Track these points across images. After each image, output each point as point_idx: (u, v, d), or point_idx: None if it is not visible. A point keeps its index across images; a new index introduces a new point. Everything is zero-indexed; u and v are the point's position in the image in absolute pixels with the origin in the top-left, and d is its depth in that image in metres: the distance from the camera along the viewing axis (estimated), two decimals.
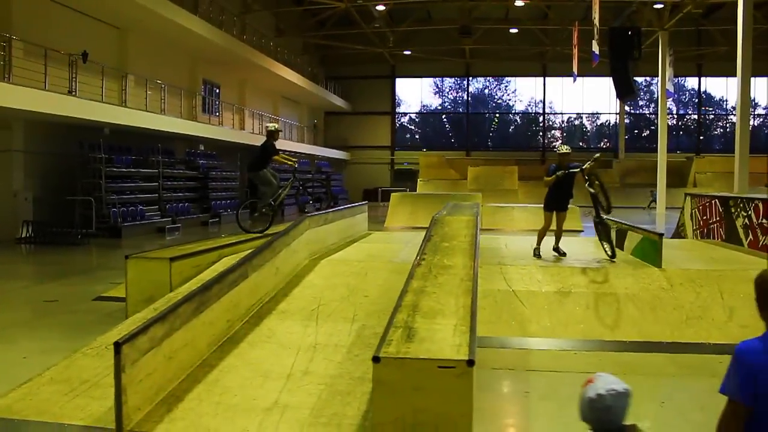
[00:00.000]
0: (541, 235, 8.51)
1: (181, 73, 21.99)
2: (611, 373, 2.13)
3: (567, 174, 8.13)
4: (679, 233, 13.73)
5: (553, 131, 43.66)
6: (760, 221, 9.76)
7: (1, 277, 10.21)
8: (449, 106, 44.45)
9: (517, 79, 42.99)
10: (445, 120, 44.66)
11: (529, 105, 43.52)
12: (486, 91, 44.63)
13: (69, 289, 8.98)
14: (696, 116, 41.89)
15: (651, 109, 41.56)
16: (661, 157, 28.89)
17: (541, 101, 42.78)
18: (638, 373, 5.40)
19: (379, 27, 32.43)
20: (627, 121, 41.63)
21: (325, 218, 8.79)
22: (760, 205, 9.79)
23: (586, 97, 41.94)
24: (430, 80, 43.56)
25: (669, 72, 27.94)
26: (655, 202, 27.87)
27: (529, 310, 6.82)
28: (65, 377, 4.71)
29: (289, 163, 9.68)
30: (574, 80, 30.17)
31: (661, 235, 7.89)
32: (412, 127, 45.16)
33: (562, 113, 43.28)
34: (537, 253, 8.32)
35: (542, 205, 8.53)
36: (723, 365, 5.41)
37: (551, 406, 4.71)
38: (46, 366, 4.85)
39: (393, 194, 22.34)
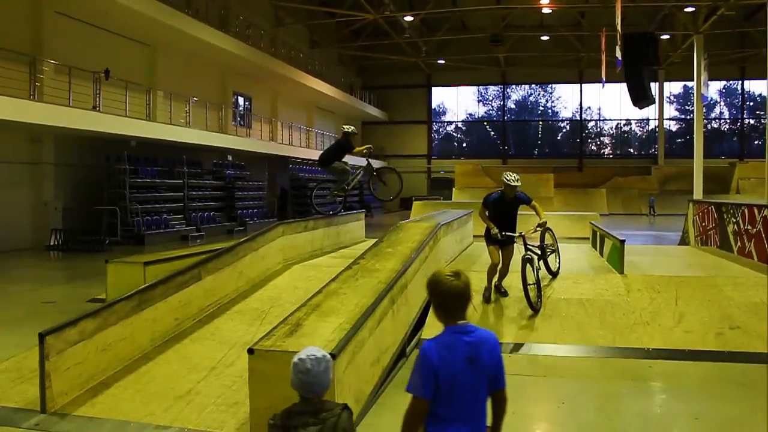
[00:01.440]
0: (490, 274, 7.20)
1: (211, 86, 22.93)
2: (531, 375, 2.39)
3: (506, 211, 7.09)
4: (684, 240, 13.54)
5: (599, 138, 43.03)
6: (746, 228, 9.62)
7: (15, 280, 11.06)
8: (495, 115, 44.29)
9: (559, 85, 42.60)
10: (488, 128, 44.52)
11: (573, 112, 43.07)
12: (531, 98, 44.32)
13: (71, 291, 9.69)
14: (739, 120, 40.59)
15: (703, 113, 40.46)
16: (697, 163, 28.05)
17: (578, 108, 42.26)
18: (556, 376, 5.57)
19: (411, 37, 32.79)
20: (678, 126, 40.74)
21: (305, 225, 9.20)
22: (746, 211, 9.66)
23: (626, 103, 41.22)
24: (474, 89, 43.57)
25: (704, 76, 27.22)
26: (654, 209, 26.96)
27: (478, 314, 7.04)
28: (18, 367, 5.26)
29: (365, 151, 10.04)
30: (603, 86, 29.81)
31: (622, 241, 7.96)
32: (458, 135, 45.18)
33: (604, 119, 42.60)
34: (488, 295, 7.18)
35: (497, 234, 6.92)
36: (652, 369, 5.57)
37: None
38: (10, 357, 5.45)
39: (415, 202, 22.66)
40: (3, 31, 13.91)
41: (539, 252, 7.34)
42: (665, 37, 33.13)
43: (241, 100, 26.32)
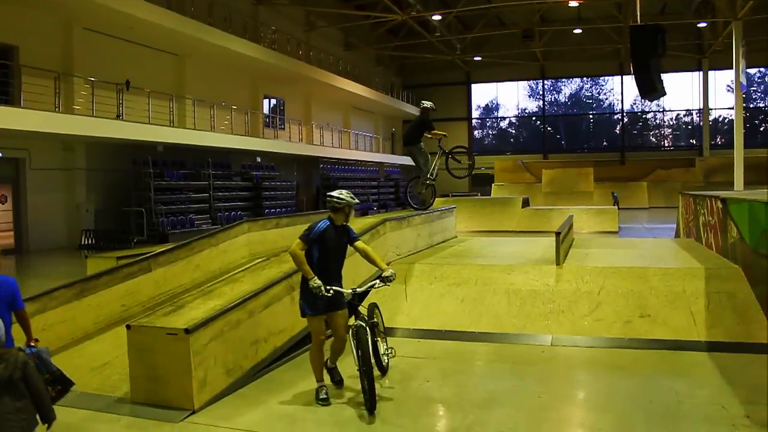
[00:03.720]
0: (316, 362, 4.86)
1: (241, 91, 24.12)
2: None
3: (336, 252, 4.89)
4: (677, 233, 13.54)
5: (643, 130, 42.10)
6: (707, 219, 9.72)
7: (27, 276, 12.28)
8: (548, 110, 43.91)
9: (611, 78, 41.90)
10: (531, 124, 44.23)
11: (613, 104, 42.29)
12: (583, 91, 43.75)
13: None
14: None
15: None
16: (738, 153, 27.35)
17: (620, 100, 41.49)
18: (443, 359, 6.10)
19: (442, 35, 33.11)
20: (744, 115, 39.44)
21: (277, 222, 9.96)
22: (709, 202, 9.73)
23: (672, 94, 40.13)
24: (524, 84, 43.37)
25: (742, 63, 26.38)
26: (617, 203, 26.00)
27: (408, 303, 7.60)
28: None
29: (441, 134, 10.28)
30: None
31: (557, 233, 8.31)
32: (512, 131, 45.05)
33: (647, 111, 41.63)
34: (325, 397, 4.75)
35: (320, 289, 4.57)
36: (543, 354, 5.99)
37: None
38: None
39: (436, 200, 23.05)
40: (36, 50, 15.35)
41: (368, 325, 4.92)
42: (702, 25, 32.19)
43: (273, 103, 27.45)
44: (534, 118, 43.81)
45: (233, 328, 4.98)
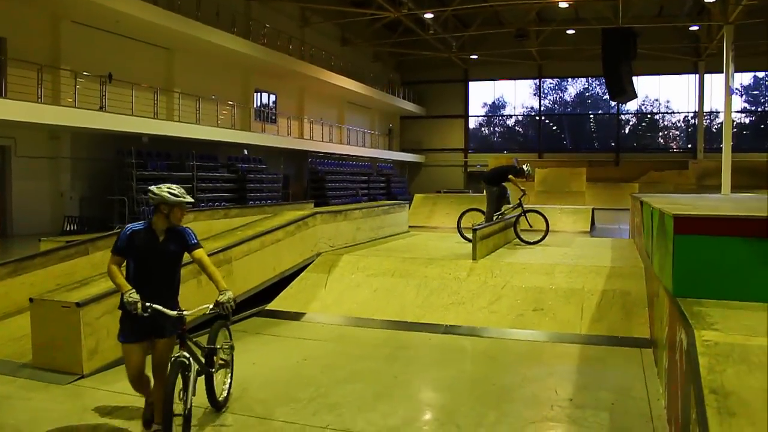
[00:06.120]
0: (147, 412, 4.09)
1: (232, 85, 24.75)
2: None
3: (159, 262, 3.97)
4: (631, 233, 13.99)
5: (637, 131, 42.26)
6: (638, 220, 10.20)
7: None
8: (557, 108, 44.11)
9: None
10: (546, 121, 44.33)
11: (610, 104, 42.44)
12: (589, 91, 43.95)
13: None
14: None
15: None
16: (726, 156, 27.65)
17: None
18: (330, 341, 6.69)
19: (437, 33, 33.52)
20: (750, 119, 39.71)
21: (226, 213, 10.57)
22: (639, 205, 10.20)
23: (665, 95, 40.40)
24: (530, 82, 43.53)
25: (731, 68, 26.59)
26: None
27: (325, 290, 8.19)
28: None
29: (521, 187, 10.98)
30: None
31: (475, 229, 8.86)
32: (520, 129, 45.27)
33: (641, 112, 41.76)
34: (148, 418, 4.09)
35: (135, 305, 3.75)
36: (429, 342, 6.53)
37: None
38: None
39: (416, 195, 23.60)
40: (25, 43, 16.06)
41: (205, 353, 4.30)
42: (694, 28, 32.37)
43: (265, 97, 28.07)
44: (536, 117, 44.03)
45: None
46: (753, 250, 4.14)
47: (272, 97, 28.66)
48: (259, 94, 27.42)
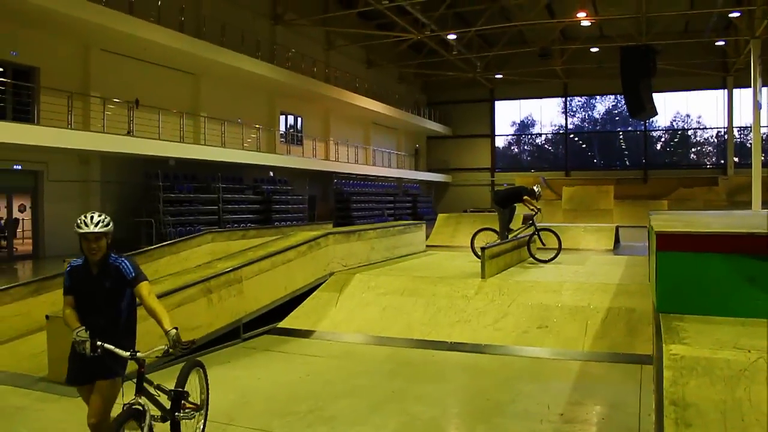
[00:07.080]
0: None
1: (258, 108, 25.35)
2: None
3: (97, 300, 3.63)
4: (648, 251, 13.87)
5: (666, 147, 41.72)
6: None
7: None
8: (587, 126, 43.95)
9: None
10: (575, 139, 44.07)
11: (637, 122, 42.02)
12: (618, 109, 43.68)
13: None
14: None
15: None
16: (756, 172, 27.10)
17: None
18: (337, 358, 6.85)
19: (461, 54, 33.80)
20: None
21: (244, 234, 10.89)
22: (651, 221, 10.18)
23: (696, 111, 39.87)
24: (558, 101, 43.42)
25: (759, 82, 26.24)
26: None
27: (336, 308, 8.37)
28: None
29: (533, 209, 11.07)
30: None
31: (483, 248, 8.95)
32: (550, 148, 45.16)
33: (671, 129, 41.26)
34: None
35: (83, 345, 3.44)
36: (432, 358, 6.70)
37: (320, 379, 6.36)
38: None
39: (440, 215, 23.73)
40: (56, 71, 16.80)
41: (171, 397, 3.86)
42: (720, 43, 32.01)
43: (291, 119, 28.64)
44: (562, 135, 43.78)
45: (142, 321, 5.85)
46: (733, 266, 4.20)
47: (298, 120, 29.19)
48: (284, 116, 27.99)
